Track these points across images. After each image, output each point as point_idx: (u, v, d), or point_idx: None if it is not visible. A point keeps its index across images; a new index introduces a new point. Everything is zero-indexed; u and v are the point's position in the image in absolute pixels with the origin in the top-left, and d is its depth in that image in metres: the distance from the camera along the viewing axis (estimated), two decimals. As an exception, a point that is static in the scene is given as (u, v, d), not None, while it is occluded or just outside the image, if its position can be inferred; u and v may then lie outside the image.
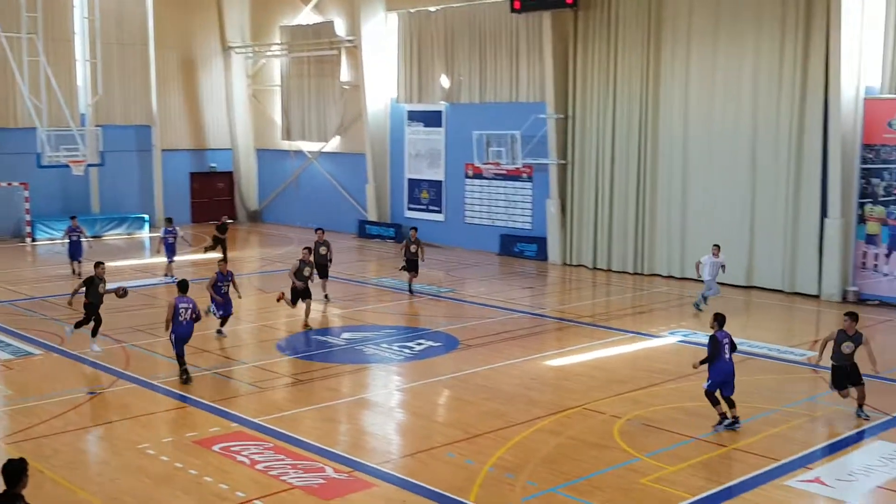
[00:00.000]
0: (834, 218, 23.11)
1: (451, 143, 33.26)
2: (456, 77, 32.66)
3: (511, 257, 30.85)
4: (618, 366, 16.94)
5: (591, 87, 28.42)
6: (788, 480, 11.31)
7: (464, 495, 10.74)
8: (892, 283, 22.77)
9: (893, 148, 22.54)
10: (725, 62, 25.37)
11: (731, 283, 25.13)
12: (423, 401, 15.06)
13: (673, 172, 26.71)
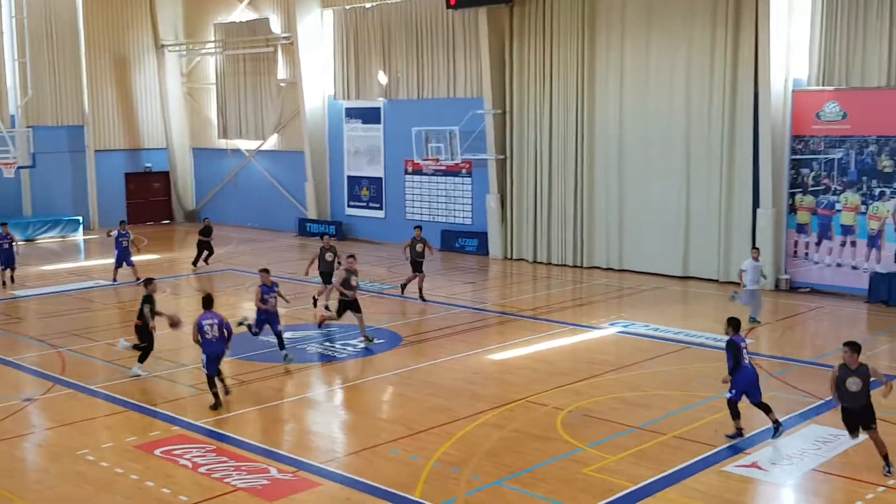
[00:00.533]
0: (766, 208, 23.66)
1: (390, 139, 33.22)
2: (393, 73, 32.63)
3: (452, 252, 30.95)
4: (559, 358, 17.13)
5: (528, 83, 28.64)
6: (726, 466, 11.57)
7: (409, 491, 10.79)
8: (823, 271, 23.41)
9: (822, 139, 23.15)
10: (658, 56, 25.77)
11: (668, 274, 25.62)
12: (367, 398, 15.07)
13: (609, 166, 27.06)
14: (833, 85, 22.85)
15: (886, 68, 21.93)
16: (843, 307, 21.71)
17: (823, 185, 23.26)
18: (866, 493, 10.61)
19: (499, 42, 29.07)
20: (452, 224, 31.76)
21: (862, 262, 22.72)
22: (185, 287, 25.38)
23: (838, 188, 23.02)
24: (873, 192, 22.49)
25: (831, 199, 23.15)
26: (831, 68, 22.83)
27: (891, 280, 21.76)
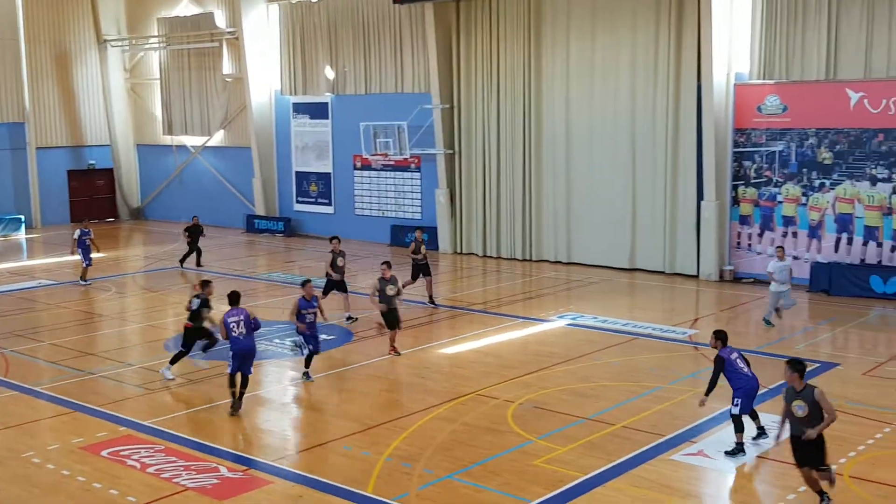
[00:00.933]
0: (710, 200, 24.05)
1: (338, 134, 33.09)
2: (341, 69, 32.49)
3: (402, 247, 30.85)
4: (509, 351, 17.24)
5: (475, 78, 28.73)
6: (674, 455, 11.76)
7: (361, 487, 10.80)
8: (766, 261, 23.82)
9: (763, 131, 23.60)
10: (603, 51, 26.02)
11: (615, 267, 25.92)
12: (318, 395, 15.02)
13: (557, 160, 27.27)
14: (774, 78, 23.30)
15: (825, 62, 22.41)
16: (785, 297, 22.13)
17: (765, 178, 23.72)
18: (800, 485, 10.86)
19: (445, 37, 29.10)
20: (402, 219, 31.75)
21: (803, 253, 23.23)
22: (132, 285, 25.04)
23: (779, 180, 23.49)
24: (813, 183, 23.00)
25: (773, 191, 23.62)
26: (772, 62, 23.27)
27: (831, 269, 22.28)
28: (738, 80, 23.84)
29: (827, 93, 22.50)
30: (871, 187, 22.10)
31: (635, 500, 10.38)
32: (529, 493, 10.51)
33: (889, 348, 17.35)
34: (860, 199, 22.28)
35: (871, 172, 22.06)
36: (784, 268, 18.53)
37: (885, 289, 21.48)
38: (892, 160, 21.75)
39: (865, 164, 22.14)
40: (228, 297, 14.28)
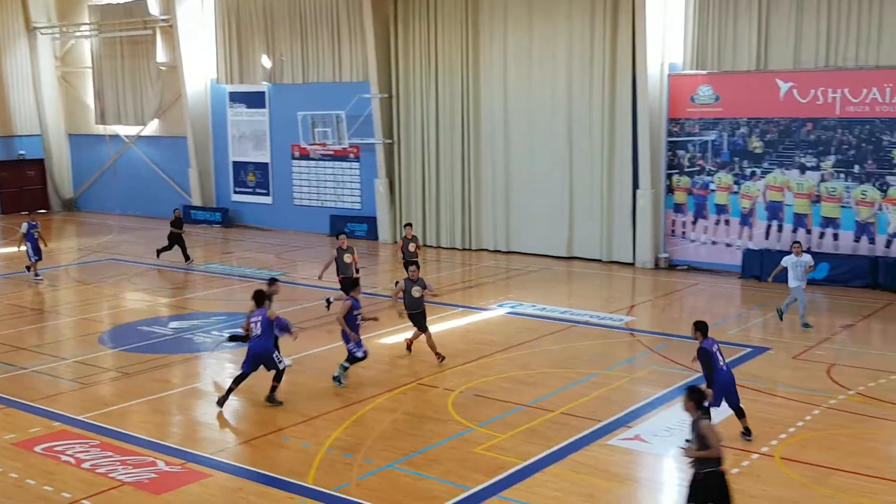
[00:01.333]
0: (645, 189, 24.42)
1: (276, 124, 32.80)
2: (277, 57, 32.18)
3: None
4: (450, 340, 17.31)
5: (414, 67, 28.71)
6: (611, 440, 11.96)
7: (301, 479, 10.78)
8: (699, 249, 24.36)
9: (696, 121, 24.03)
10: (540, 42, 26.19)
11: (554, 255, 26.18)
12: (260, 386, 14.89)
13: (495, 150, 27.41)
14: (706, 69, 23.73)
15: (756, 53, 22.90)
16: (718, 283, 22.64)
17: (698, 166, 24.17)
18: (742, 460, 11.15)
19: (383, 26, 29.00)
20: (341, 209, 31.63)
21: (735, 240, 23.75)
22: (65, 278, 24.52)
23: (712, 169, 23.95)
24: (745, 172, 23.50)
25: (706, 180, 24.08)
26: (704, 53, 23.70)
27: (762, 256, 22.81)
28: (671, 70, 24.22)
29: (757, 83, 22.99)
30: (801, 175, 22.67)
31: (573, 485, 10.54)
32: (470, 481, 10.60)
33: (818, 332, 17.85)
34: (790, 187, 22.85)
35: (800, 161, 22.63)
36: (799, 263, 17.61)
37: (813, 274, 22.00)
38: (820, 149, 22.33)
39: (794, 153, 22.69)
40: (253, 296, 14.07)
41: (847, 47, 21.81)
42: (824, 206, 22.40)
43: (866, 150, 21.73)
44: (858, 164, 21.86)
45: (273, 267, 25.57)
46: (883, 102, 21.35)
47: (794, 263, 17.64)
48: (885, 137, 21.42)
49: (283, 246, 29.50)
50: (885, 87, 21.26)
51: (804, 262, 17.66)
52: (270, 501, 10.26)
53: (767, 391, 13.75)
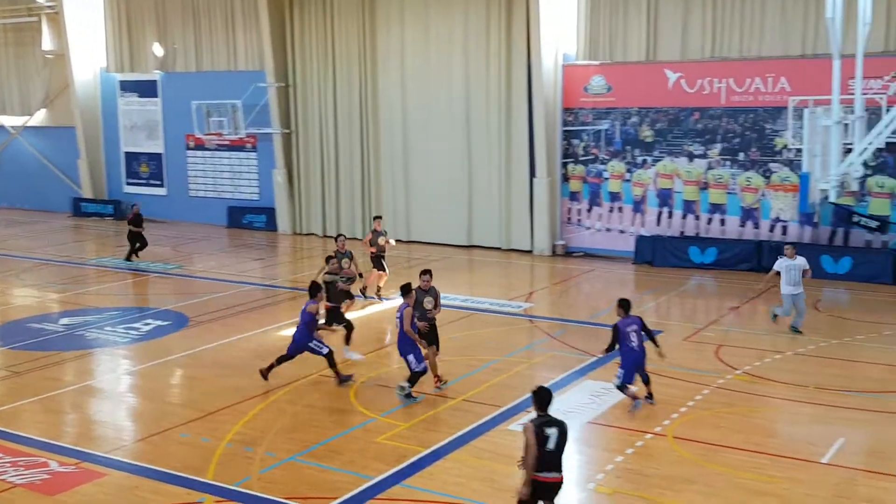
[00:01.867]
0: (541, 178, 24.85)
1: (169, 113, 32.08)
2: (170, 45, 31.43)
3: (240, 229, 30.42)
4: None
5: (311, 56, 28.46)
6: (511, 424, 12.17)
7: (201, 474, 10.65)
8: (595, 236, 24.95)
9: (590, 111, 24.56)
10: (437, 32, 26.31)
11: (454, 244, 26.40)
12: (154, 383, 14.63)
13: (395, 139, 27.44)
14: (598, 60, 24.26)
15: (645, 44, 23.55)
16: (613, 269, 23.24)
17: (592, 155, 24.72)
18: (636, 440, 11.53)
19: (279, 14, 28.65)
20: (239, 200, 31.19)
21: (628, 227, 24.41)
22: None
23: (605, 157, 24.54)
24: (636, 160, 24.16)
25: (599, 168, 24.66)
26: (596, 44, 24.25)
27: (654, 242, 23.51)
28: (565, 61, 24.67)
29: (647, 73, 23.64)
30: (689, 163, 23.44)
31: (475, 470, 10.71)
32: (372, 470, 10.66)
33: (707, 315, 18.52)
34: (679, 175, 23.60)
35: (689, 149, 23.39)
36: (793, 267, 16.10)
37: (702, 259, 22.89)
38: (707, 137, 23.12)
39: (683, 142, 23.45)
40: (309, 288, 14.24)
41: (731, 39, 22.64)
42: (712, 192, 23.22)
43: (750, 138, 22.61)
44: (743, 151, 22.73)
45: (169, 260, 25.05)
46: (766, 92, 22.23)
47: (788, 267, 16.09)
48: (768, 126, 22.32)
49: (178, 238, 28.90)
50: (768, 76, 22.14)
51: (798, 266, 16.10)
52: (168, 499, 10.11)
53: (660, 372, 14.19)
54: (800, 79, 21.48)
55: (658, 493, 9.96)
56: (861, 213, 21.15)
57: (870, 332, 16.62)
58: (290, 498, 9.94)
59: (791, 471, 10.48)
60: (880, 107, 19.25)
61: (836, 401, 12.89)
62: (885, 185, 21.15)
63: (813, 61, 21.32)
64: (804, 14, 21.75)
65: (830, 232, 21.95)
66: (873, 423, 12.02)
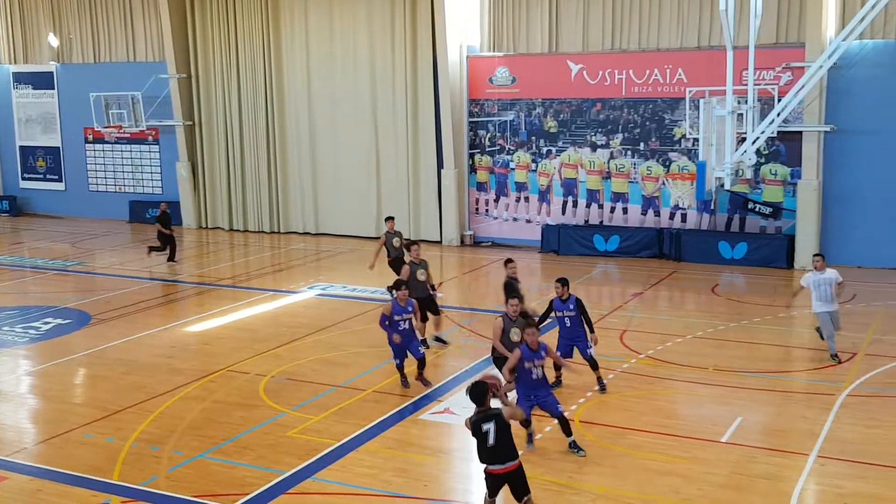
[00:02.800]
0: (449, 169, 25.02)
1: (66, 106, 31.13)
2: (66, 35, 30.46)
3: (143, 224, 29.72)
4: (260, 325, 17.18)
5: (213, 47, 27.98)
6: (422, 414, 12.28)
7: (106, 475, 10.43)
8: (502, 225, 25.26)
9: (495, 102, 24.82)
10: (341, 23, 26.19)
11: (363, 236, 26.38)
12: (56, 383, 14.24)
13: (301, 131, 27.22)
14: (503, 51, 24.53)
15: (548, 36, 23.91)
16: (520, 258, 23.36)
17: (498, 146, 25.01)
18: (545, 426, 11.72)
19: (179, 3, 28.06)
20: (141, 194, 30.50)
21: (535, 216, 24.79)
22: None
23: (511, 148, 24.86)
24: (541, 150, 24.54)
25: (506, 159, 24.97)
26: (500, 35, 24.52)
27: (559, 231, 23.94)
28: (470, 52, 24.86)
29: (550, 65, 24.02)
30: (592, 153, 23.93)
31: (387, 461, 10.77)
32: (284, 465, 10.62)
33: (612, 301, 18.97)
34: (582, 165, 24.07)
35: (592, 139, 23.87)
36: (822, 282, 13.94)
37: (606, 247, 23.41)
38: (609, 128, 23.63)
39: (586, 132, 23.91)
40: None
41: (631, 31, 23.18)
42: (614, 181, 23.76)
43: (650, 128, 23.21)
44: (644, 141, 23.32)
45: (69, 257, 24.35)
46: (664, 83, 22.84)
47: (817, 282, 13.98)
48: (667, 116, 22.94)
49: (78, 234, 28.11)
50: (666, 68, 22.75)
51: (828, 280, 13.94)
52: (73, 501, 9.88)
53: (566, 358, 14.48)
54: (696, 70, 22.14)
55: (566, 476, 10.20)
56: (755, 200, 21.98)
57: (765, 314, 17.28)
58: (198, 496, 9.83)
59: (693, 450, 10.86)
60: (772, 97, 20.07)
61: (734, 381, 13.38)
62: (778, 172, 21.99)
63: (708, 53, 22.01)
64: (700, 7, 22.41)
65: (727, 219, 22.73)
66: (770, 403, 12.54)
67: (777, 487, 9.79)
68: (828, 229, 21.74)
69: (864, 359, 14.30)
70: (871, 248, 21.41)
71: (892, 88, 20.78)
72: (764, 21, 17.76)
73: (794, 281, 20.80)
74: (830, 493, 9.77)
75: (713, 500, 9.58)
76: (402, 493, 9.88)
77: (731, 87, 15.20)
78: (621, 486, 9.90)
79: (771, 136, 17.72)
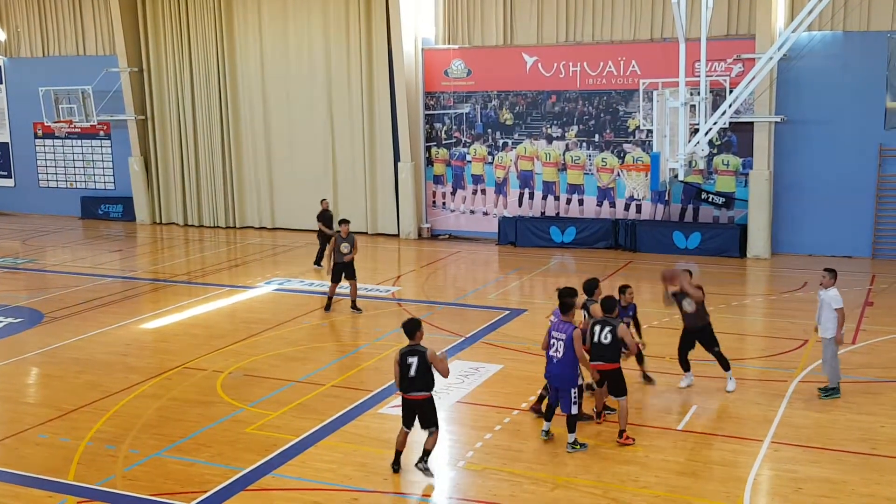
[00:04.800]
0: (406, 162, 25.00)
1: (15, 100, 30.57)
2: (13, 29, 29.88)
3: (96, 220, 29.32)
4: (217, 321, 17.04)
5: (165, 39, 27.63)
6: (382, 408, 12.27)
7: (61, 476, 10.29)
8: (459, 218, 25.31)
9: (451, 94, 24.84)
10: (295, 15, 26.03)
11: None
12: (7, 382, 13.99)
13: (255, 125, 27.01)
14: (458, 44, 24.54)
15: (502, 28, 23.96)
16: (477, 250, 23.65)
17: (455, 139, 25.04)
18: (504, 417, 11.83)
19: (129, -5, 27.69)
20: (93, 190, 30.05)
21: (491, 208, 24.87)
22: None
23: (468, 140, 24.90)
24: (498, 143, 24.61)
25: (462, 151, 25.00)
26: (455, 28, 24.53)
27: (516, 223, 24.05)
28: (425, 45, 24.84)
29: (505, 57, 24.09)
30: (548, 145, 24.05)
31: (347, 455, 10.75)
32: (243, 461, 10.55)
33: (568, 292, 19.08)
34: (538, 157, 24.19)
35: (547, 132, 23.99)
36: (821, 300, 12.10)
37: (563, 238, 23.57)
38: (564, 120, 23.77)
39: (542, 124, 24.03)
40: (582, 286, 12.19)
41: (584, 24, 23.31)
42: (570, 173, 23.92)
43: (605, 119, 23.39)
44: (598, 133, 23.49)
45: (20, 254, 23.93)
46: (618, 75, 23.03)
47: (821, 301, 12.13)
48: (621, 108, 23.13)
49: (29, 232, 27.63)
50: (620, 60, 22.93)
51: (824, 301, 12.01)
52: (28, 502, 9.73)
53: (525, 350, 14.59)
54: (649, 62, 22.35)
55: (526, 467, 10.27)
56: (708, 191, 22.27)
57: (719, 303, 17.51)
58: (156, 495, 9.74)
59: (650, 438, 10.99)
60: (724, 88, 20.32)
61: (689, 370, 13.54)
62: (731, 163, 22.29)
63: (661, 45, 22.23)
64: (652, 0, 22.59)
65: (681, 209, 22.99)
66: (724, 391, 12.72)
67: (732, 473, 9.96)
68: (779, 218, 22.10)
69: (816, 346, 14.57)
70: (821, 236, 21.83)
71: (841, 79, 21.17)
72: (715, 13, 18.01)
73: (746, 270, 21.14)
74: (785, 477, 9.95)
75: (671, 486, 9.71)
76: (363, 487, 9.88)
77: (683, 79, 15.35)
78: (580, 476, 9.99)
79: (723, 127, 17.95)
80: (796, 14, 19.58)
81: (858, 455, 10.47)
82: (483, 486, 9.87)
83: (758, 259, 21.79)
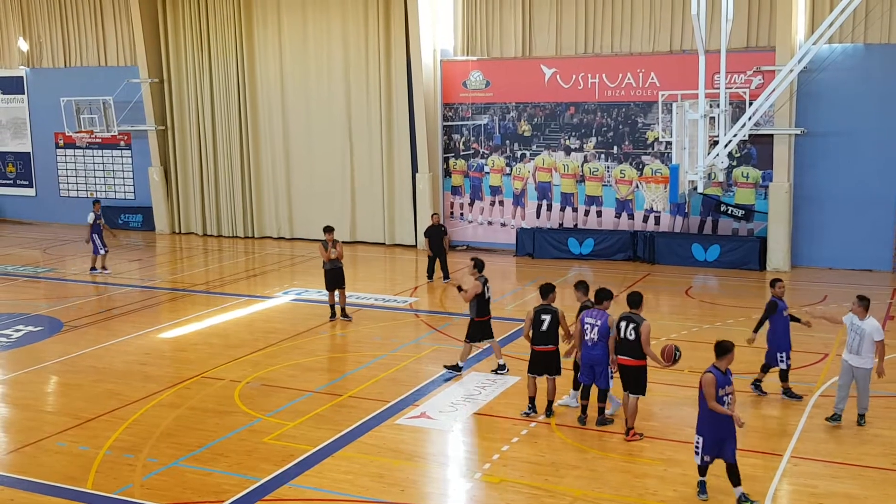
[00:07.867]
0: (423, 173, 25.03)
1: (37, 111, 30.84)
2: (36, 40, 30.18)
3: (115, 229, 29.42)
4: (235, 330, 17.08)
5: (185, 50, 27.83)
6: (399, 419, 12.26)
7: (80, 484, 10.33)
8: (477, 229, 25.30)
9: (469, 106, 24.87)
10: (315, 27, 26.14)
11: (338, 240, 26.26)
12: (27, 391, 14.08)
13: (274, 135, 27.12)
14: (476, 55, 24.58)
15: (521, 40, 23.99)
16: (495, 261, 23.56)
17: (473, 150, 25.05)
18: (521, 429, 11.79)
19: (151, 6, 27.91)
20: (114, 200, 30.26)
21: (509, 220, 24.85)
22: None
23: (486, 152, 24.91)
24: (516, 154, 24.60)
25: (480, 162, 25.01)
26: (474, 40, 24.58)
27: (534, 234, 24.01)
28: (443, 56, 24.89)
29: (524, 69, 24.10)
30: (566, 157, 24.03)
31: (363, 466, 10.74)
32: (259, 472, 10.56)
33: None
34: (556, 168, 24.17)
35: (566, 143, 23.97)
36: (855, 329, 11.36)
37: (580, 250, 23.51)
38: (583, 131, 23.74)
39: (560, 136, 24.01)
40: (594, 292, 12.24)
41: (603, 35, 23.31)
42: (588, 185, 23.87)
43: (623, 131, 23.34)
44: (617, 145, 23.45)
45: (40, 263, 24.10)
46: (637, 87, 22.99)
47: (850, 326, 11.46)
48: (640, 119, 23.08)
49: (49, 240, 27.84)
50: (639, 72, 22.89)
51: (862, 331, 11.26)
52: (47, 511, 9.79)
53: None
54: (668, 74, 22.30)
55: (543, 479, 10.23)
56: (728, 203, 22.17)
57: (738, 316, 17.42)
58: (174, 504, 9.77)
59: (669, 452, 10.92)
60: (744, 100, 20.26)
61: (708, 383, 13.43)
62: (750, 175, 22.19)
63: (680, 57, 22.18)
64: (672, 12, 22.58)
65: (700, 221, 22.90)
66: (744, 404, 12.62)
67: (752, 488, 9.87)
68: (799, 231, 21.96)
69: (836, 360, 14.44)
70: (842, 249, 21.67)
71: (861, 91, 21.05)
72: (735, 25, 17.93)
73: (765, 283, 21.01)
74: (805, 492, 9.86)
75: (689, 501, 9.63)
76: (379, 498, 9.86)
77: (703, 91, 15.32)
78: (598, 489, 9.94)
79: (743, 139, 17.86)
80: (816, 26, 19.51)
81: (880, 470, 10.36)
82: (500, 498, 9.83)
83: (777, 272, 21.63)
